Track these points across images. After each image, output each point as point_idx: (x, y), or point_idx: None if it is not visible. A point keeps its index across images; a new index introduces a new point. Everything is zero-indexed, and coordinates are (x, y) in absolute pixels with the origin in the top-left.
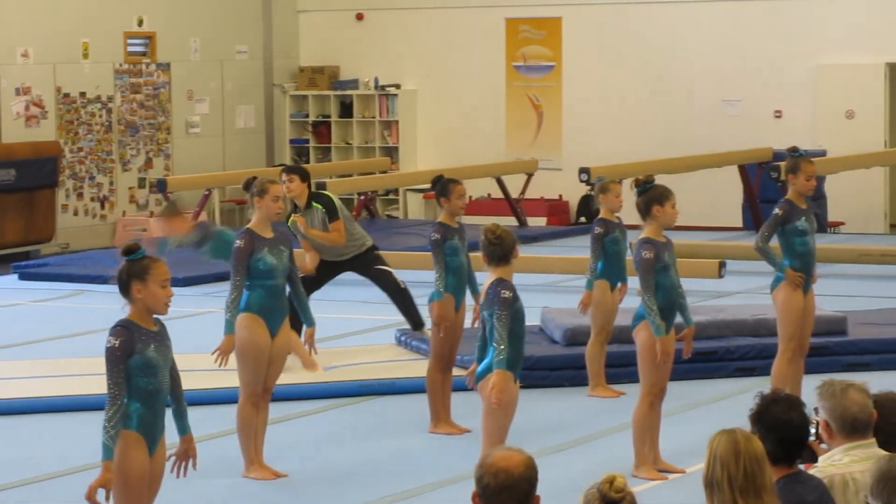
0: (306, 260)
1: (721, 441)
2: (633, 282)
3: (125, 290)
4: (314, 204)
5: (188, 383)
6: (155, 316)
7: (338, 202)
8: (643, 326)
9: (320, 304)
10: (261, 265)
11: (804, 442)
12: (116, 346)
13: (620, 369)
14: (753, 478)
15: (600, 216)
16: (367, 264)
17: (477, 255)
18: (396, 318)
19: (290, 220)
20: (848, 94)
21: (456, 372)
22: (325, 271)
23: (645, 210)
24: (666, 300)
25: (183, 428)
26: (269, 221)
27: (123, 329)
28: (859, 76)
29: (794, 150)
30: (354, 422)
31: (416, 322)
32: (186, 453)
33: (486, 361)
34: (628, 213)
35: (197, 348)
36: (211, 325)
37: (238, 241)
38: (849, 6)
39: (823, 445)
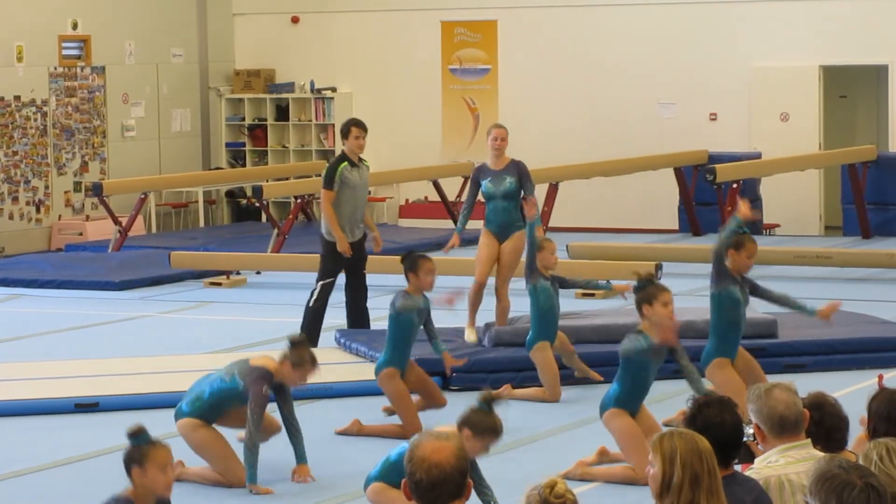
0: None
1: (676, 441)
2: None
3: (128, 473)
4: (364, 162)
5: (119, 388)
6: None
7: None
8: (613, 415)
9: (258, 307)
10: None
11: (739, 443)
12: None
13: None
14: (716, 475)
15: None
16: (363, 257)
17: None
18: (336, 321)
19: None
20: (782, 96)
21: None
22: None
23: (637, 308)
24: (639, 390)
25: None
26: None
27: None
28: (794, 79)
29: (741, 227)
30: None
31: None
32: None
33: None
34: None
35: (131, 352)
36: (147, 329)
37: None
38: (783, 9)
39: (761, 447)
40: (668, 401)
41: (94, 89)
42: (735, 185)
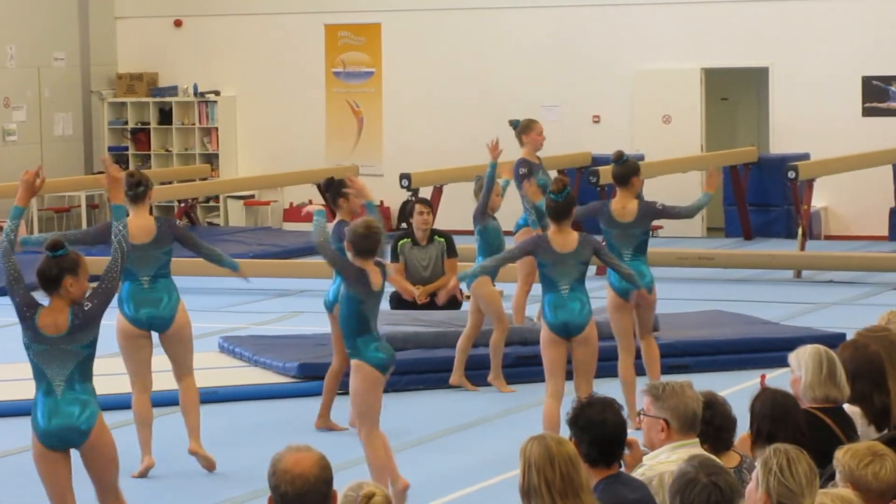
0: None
1: (533, 448)
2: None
3: (55, 284)
4: (437, 238)
5: (12, 393)
6: None
7: None
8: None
9: None
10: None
11: (622, 441)
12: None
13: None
14: (570, 479)
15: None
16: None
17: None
18: (220, 325)
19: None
20: (664, 99)
21: None
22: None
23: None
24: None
25: None
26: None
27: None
28: (676, 81)
29: (620, 157)
30: (174, 431)
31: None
32: None
33: None
34: None
35: (11, 358)
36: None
37: None
38: (665, 13)
39: (645, 448)
40: None
41: None
42: None
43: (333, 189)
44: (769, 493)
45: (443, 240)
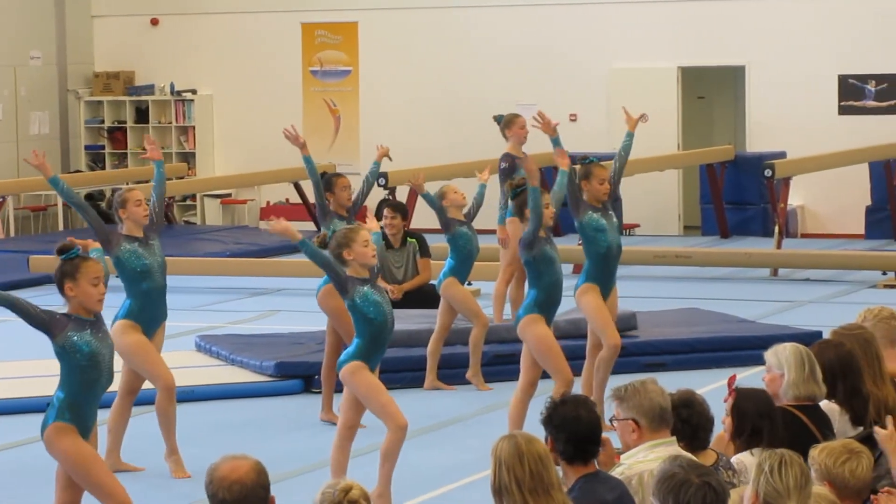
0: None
1: (503, 446)
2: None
3: (60, 290)
4: (409, 240)
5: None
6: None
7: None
8: (531, 320)
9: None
10: (137, 266)
11: (597, 439)
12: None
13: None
14: (540, 477)
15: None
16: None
17: None
18: (197, 323)
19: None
20: (641, 97)
21: None
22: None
23: (520, 212)
24: (550, 295)
25: None
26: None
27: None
28: (652, 80)
29: (584, 158)
30: (152, 430)
31: None
32: None
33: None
34: None
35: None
36: (5, 334)
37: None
38: (642, 11)
39: (619, 448)
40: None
41: None
42: None
43: (324, 183)
44: (757, 492)
45: (415, 240)
